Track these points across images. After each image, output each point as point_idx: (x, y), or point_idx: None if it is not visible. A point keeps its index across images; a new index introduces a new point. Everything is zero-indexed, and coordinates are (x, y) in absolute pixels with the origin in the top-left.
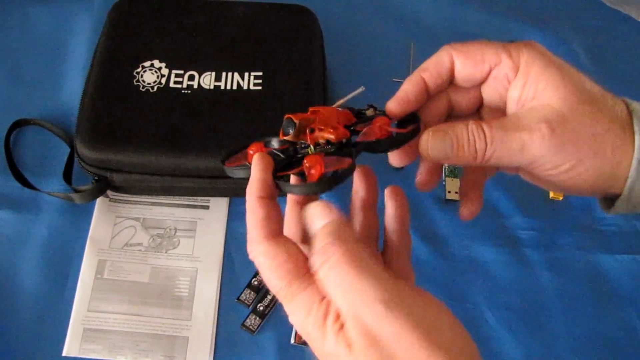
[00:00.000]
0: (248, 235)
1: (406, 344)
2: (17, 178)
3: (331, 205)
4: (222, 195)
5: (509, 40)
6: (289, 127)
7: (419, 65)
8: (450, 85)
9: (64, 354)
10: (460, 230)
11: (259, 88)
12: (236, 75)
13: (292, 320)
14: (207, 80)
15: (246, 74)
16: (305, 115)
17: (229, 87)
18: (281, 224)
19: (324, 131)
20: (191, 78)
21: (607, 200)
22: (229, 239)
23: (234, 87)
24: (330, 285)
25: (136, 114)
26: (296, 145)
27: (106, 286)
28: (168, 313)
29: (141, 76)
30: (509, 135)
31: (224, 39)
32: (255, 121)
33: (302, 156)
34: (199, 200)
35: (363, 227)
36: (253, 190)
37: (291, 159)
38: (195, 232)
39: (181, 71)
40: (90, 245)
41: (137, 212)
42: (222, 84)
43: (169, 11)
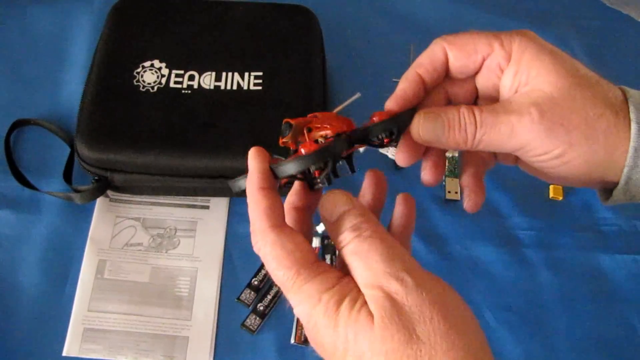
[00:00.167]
0: (252, 227)
1: (426, 317)
2: (17, 178)
3: (350, 194)
4: (222, 195)
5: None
6: (286, 130)
7: None
8: (446, 79)
9: (64, 354)
10: (460, 230)
11: (259, 88)
12: (236, 75)
13: (299, 312)
14: (207, 80)
15: (246, 74)
16: (303, 119)
17: (229, 87)
18: (284, 216)
19: (321, 129)
20: (191, 78)
21: (606, 192)
22: (229, 239)
23: (234, 87)
24: (361, 256)
25: (136, 114)
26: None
27: (106, 286)
28: (168, 313)
29: (141, 76)
30: (498, 118)
31: (224, 39)
32: (255, 121)
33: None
34: (199, 200)
35: None
36: (254, 181)
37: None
38: (195, 232)
39: (181, 71)
40: (90, 245)
41: (137, 212)
42: (222, 84)
43: (169, 11)
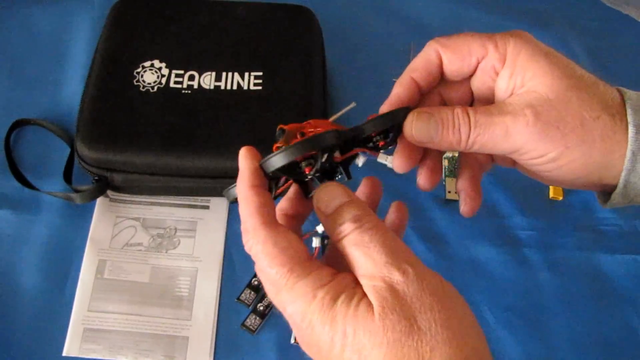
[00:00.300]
0: (243, 226)
1: (427, 307)
2: (17, 178)
3: (346, 187)
4: (222, 195)
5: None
6: (279, 135)
7: None
8: (441, 81)
9: (64, 354)
10: (460, 230)
11: (259, 88)
12: (236, 75)
13: (292, 310)
14: (207, 80)
15: (246, 74)
16: (296, 125)
17: (229, 87)
18: (275, 214)
19: (314, 132)
20: (191, 78)
21: (605, 195)
22: (229, 239)
23: (234, 87)
24: (362, 247)
25: (136, 113)
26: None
27: (106, 286)
28: (168, 313)
29: (141, 76)
30: (493, 119)
31: (224, 39)
32: (255, 121)
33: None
34: (199, 200)
35: None
36: (245, 180)
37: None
38: (195, 232)
39: (181, 71)
40: (90, 245)
41: (137, 212)
42: (222, 84)
43: (169, 11)
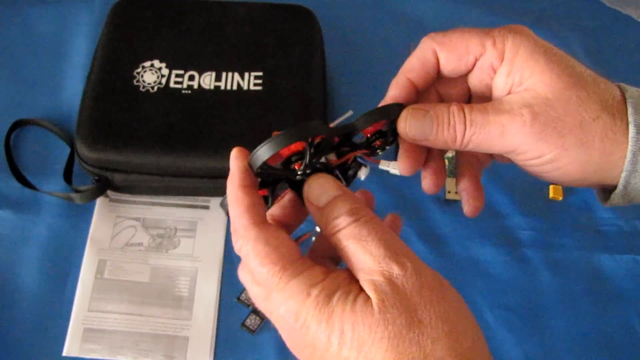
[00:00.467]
0: (232, 226)
1: (426, 301)
2: (17, 178)
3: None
4: (222, 195)
5: None
6: None
7: None
8: (437, 78)
9: (64, 354)
10: (460, 230)
11: (259, 88)
12: (236, 75)
13: (285, 310)
14: (207, 80)
15: (246, 74)
16: None
17: (229, 87)
18: (265, 214)
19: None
20: (191, 78)
21: (605, 192)
22: (229, 239)
23: (234, 87)
24: (360, 240)
25: (136, 114)
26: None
27: (106, 286)
28: (168, 313)
29: (141, 76)
30: (489, 118)
31: (224, 39)
32: (255, 121)
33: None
34: (199, 200)
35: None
36: (235, 179)
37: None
38: (195, 232)
39: (181, 71)
40: (90, 245)
41: (137, 212)
42: (222, 84)
43: (169, 11)
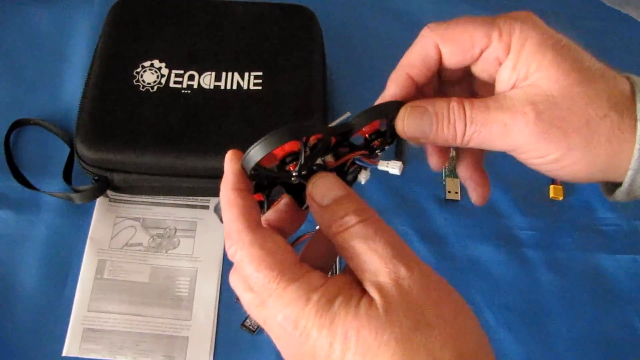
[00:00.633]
0: (226, 230)
1: (433, 303)
2: (17, 178)
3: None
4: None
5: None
6: None
7: None
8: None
9: (64, 354)
10: (460, 230)
11: (259, 88)
12: (236, 75)
13: (283, 317)
14: (207, 80)
15: (246, 74)
16: None
17: (229, 87)
18: (260, 218)
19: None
20: (191, 78)
21: (609, 185)
22: None
23: (234, 87)
24: (367, 240)
25: (136, 114)
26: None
27: (106, 286)
28: (168, 313)
29: (141, 76)
30: (490, 116)
31: (224, 39)
32: (255, 121)
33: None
34: (199, 200)
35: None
36: (229, 183)
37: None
38: (195, 232)
39: (181, 71)
40: (90, 245)
41: (137, 212)
42: (222, 84)
43: (169, 11)
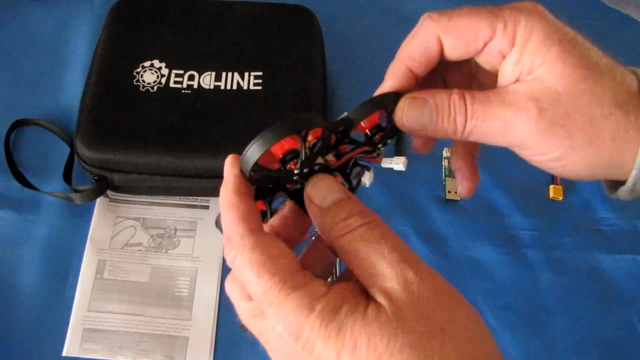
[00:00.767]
0: (226, 234)
1: (444, 307)
2: (17, 178)
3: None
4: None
5: None
6: None
7: None
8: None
9: (64, 354)
10: (460, 230)
11: (259, 88)
12: (236, 75)
13: (284, 327)
14: (207, 80)
15: (246, 74)
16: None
17: (229, 87)
18: (262, 223)
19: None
20: (191, 78)
21: (612, 182)
22: None
23: (234, 87)
24: (372, 243)
25: (136, 114)
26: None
27: (106, 286)
28: (168, 313)
29: (141, 76)
30: (491, 111)
31: (224, 39)
32: (255, 121)
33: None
34: (199, 200)
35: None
36: (230, 186)
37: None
38: (195, 232)
39: (181, 71)
40: (90, 245)
41: (137, 212)
42: (222, 84)
43: (169, 11)
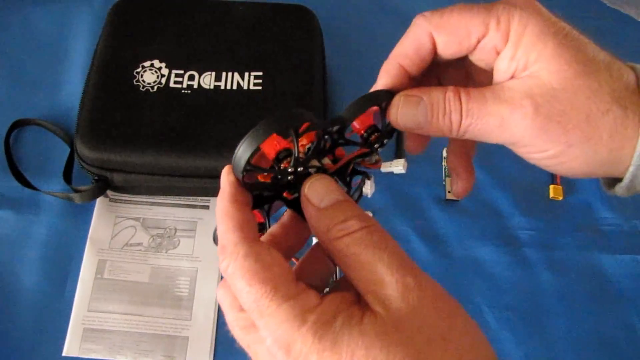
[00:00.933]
0: (220, 243)
1: (444, 314)
2: (17, 178)
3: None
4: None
5: None
6: None
7: None
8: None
9: (64, 354)
10: (460, 230)
11: (259, 88)
12: (236, 75)
13: (275, 339)
14: (207, 80)
15: (246, 74)
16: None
17: (229, 87)
18: (257, 233)
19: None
20: (191, 78)
21: (610, 179)
22: None
23: (234, 87)
24: (371, 247)
25: (136, 114)
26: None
27: (106, 286)
28: (168, 313)
29: (141, 76)
30: (487, 108)
31: (224, 39)
32: (255, 121)
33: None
34: (199, 200)
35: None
36: (226, 195)
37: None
38: (195, 232)
39: (181, 71)
40: (90, 245)
41: (137, 212)
42: (222, 84)
43: (169, 11)
